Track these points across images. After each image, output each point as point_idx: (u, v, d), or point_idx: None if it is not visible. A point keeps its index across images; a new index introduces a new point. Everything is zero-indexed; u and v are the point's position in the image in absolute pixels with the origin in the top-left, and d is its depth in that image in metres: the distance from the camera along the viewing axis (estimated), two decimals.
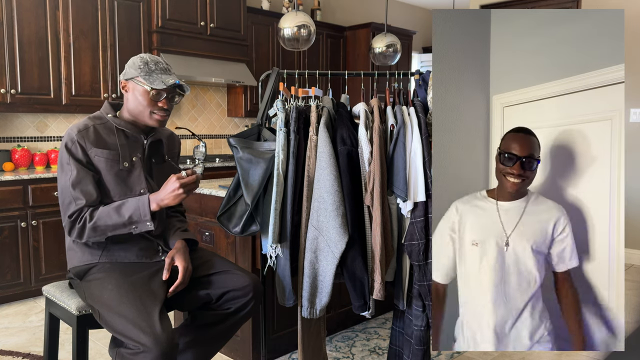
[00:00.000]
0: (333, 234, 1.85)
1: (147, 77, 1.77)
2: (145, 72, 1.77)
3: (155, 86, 1.75)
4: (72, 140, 1.74)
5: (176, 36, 4.29)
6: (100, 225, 1.71)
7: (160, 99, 1.78)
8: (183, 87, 1.82)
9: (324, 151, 1.90)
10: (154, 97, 1.77)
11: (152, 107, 1.78)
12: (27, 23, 3.52)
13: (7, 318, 3.13)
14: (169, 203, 1.73)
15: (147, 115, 1.80)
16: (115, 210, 1.71)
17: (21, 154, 3.67)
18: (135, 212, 1.71)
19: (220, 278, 1.84)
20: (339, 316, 2.86)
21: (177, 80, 1.78)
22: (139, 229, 1.74)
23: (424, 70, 2.10)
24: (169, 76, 1.79)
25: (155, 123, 1.81)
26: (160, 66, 1.80)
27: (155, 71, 1.78)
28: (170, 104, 1.82)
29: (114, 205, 1.73)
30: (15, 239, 3.33)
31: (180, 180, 1.71)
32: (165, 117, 1.82)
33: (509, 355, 2.57)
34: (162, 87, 1.75)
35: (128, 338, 1.56)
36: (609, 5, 4.28)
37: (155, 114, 1.79)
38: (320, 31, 5.46)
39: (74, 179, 1.72)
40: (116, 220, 1.71)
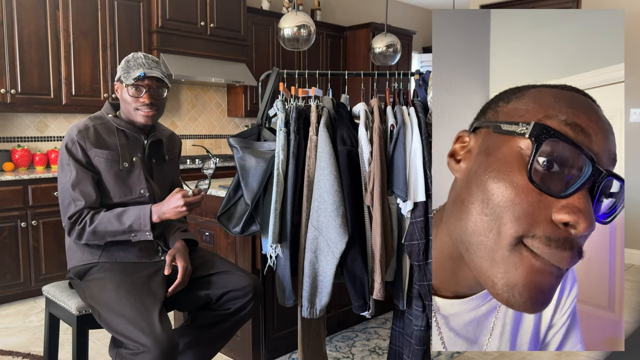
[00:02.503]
0: (333, 234, 1.85)
1: (125, 74, 1.76)
2: (125, 70, 1.77)
3: (127, 82, 1.74)
4: (72, 141, 1.74)
5: (176, 36, 4.29)
6: (100, 230, 1.71)
7: (140, 95, 1.76)
8: (158, 79, 1.77)
9: (324, 151, 1.90)
10: (132, 93, 1.76)
11: (135, 103, 1.77)
12: (27, 23, 3.52)
13: (7, 318, 3.13)
14: (170, 217, 1.74)
15: (133, 112, 1.79)
16: (117, 217, 1.72)
17: (21, 154, 3.67)
18: (135, 221, 1.72)
19: (220, 278, 1.84)
20: (339, 316, 2.86)
21: (142, 72, 1.73)
22: (138, 238, 1.74)
23: (424, 70, 2.10)
24: (139, 69, 1.75)
25: (142, 120, 1.79)
26: (139, 62, 1.77)
27: (132, 67, 1.76)
28: (155, 99, 1.79)
29: (116, 212, 1.73)
30: (15, 239, 3.33)
31: (185, 198, 1.71)
32: (151, 113, 1.79)
33: (509, 355, 2.57)
34: (130, 82, 1.73)
35: (128, 338, 1.56)
36: (609, 5, 4.28)
37: (139, 110, 1.78)
38: (320, 31, 5.46)
39: (73, 179, 1.72)
40: (116, 227, 1.71)
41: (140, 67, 1.76)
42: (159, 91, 1.80)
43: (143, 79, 1.75)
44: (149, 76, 1.75)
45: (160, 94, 1.81)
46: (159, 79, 1.78)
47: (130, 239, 1.75)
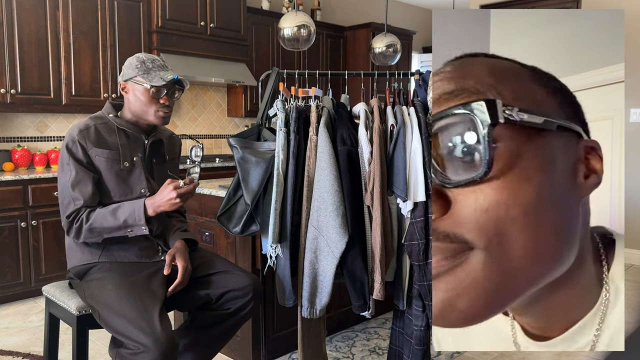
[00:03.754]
0: (333, 234, 1.85)
1: (146, 75, 1.77)
2: (143, 70, 1.77)
3: (154, 83, 1.75)
4: (73, 140, 1.74)
5: (176, 36, 4.29)
6: (96, 227, 1.71)
7: (161, 96, 1.79)
8: (182, 82, 1.82)
9: (324, 151, 1.90)
10: (154, 95, 1.77)
11: (155, 105, 1.79)
12: (27, 23, 3.52)
13: (7, 318, 3.13)
14: (165, 209, 1.73)
15: (152, 113, 1.80)
16: (111, 213, 1.72)
17: (21, 154, 3.67)
18: (130, 216, 1.71)
19: (220, 278, 1.84)
20: (339, 316, 2.86)
21: (176, 75, 1.79)
22: (134, 233, 1.74)
23: (424, 70, 2.10)
24: (167, 72, 1.79)
25: (160, 121, 1.82)
26: (157, 63, 1.80)
27: (152, 69, 1.78)
28: (172, 100, 1.82)
29: (111, 208, 1.73)
30: (15, 239, 3.33)
31: (177, 190, 1.69)
32: (168, 114, 1.83)
33: (509, 355, 2.57)
34: (161, 83, 1.75)
35: (128, 338, 1.56)
36: (609, 5, 4.28)
37: (159, 112, 1.80)
38: (320, 31, 5.46)
39: (73, 179, 1.72)
40: (112, 223, 1.71)
41: (162, 70, 1.79)
42: (177, 94, 1.84)
43: (172, 83, 1.79)
44: (177, 79, 1.79)
45: (175, 95, 1.84)
46: (179, 81, 1.81)
47: (127, 235, 1.74)
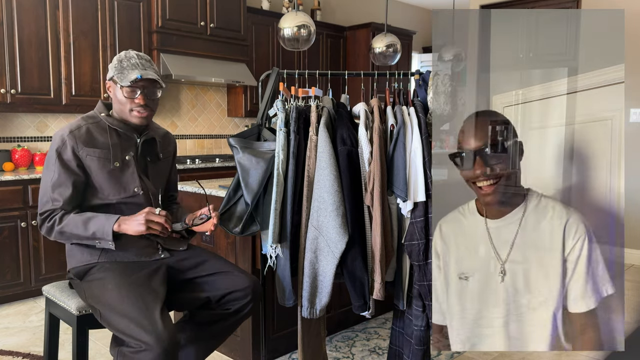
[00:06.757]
0: (333, 234, 1.85)
1: (119, 74, 1.75)
2: (118, 70, 1.76)
3: (122, 83, 1.74)
4: (63, 141, 1.74)
5: (176, 36, 4.29)
6: (66, 231, 1.72)
7: (135, 96, 1.75)
8: (153, 81, 1.76)
9: (324, 151, 1.89)
10: (128, 94, 1.75)
11: (130, 104, 1.77)
12: (27, 23, 3.52)
13: (7, 318, 3.13)
14: (128, 231, 1.69)
15: (127, 113, 1.79)
16: (83, 222, 1.71)
17: (21, 154, 3.67)
18: (99, 229, 1.70)
19: (220, 279, 1.84)
20: (339, 316, 2.86)
21: (139, 74, 1.72)
22: (102, 245, 1.73)
23: (424, 70, 2.10)
24: (134, 71, 1.74)
25: (137, 120, 1.80)
26: (132, 62, 1.76)
27: (126, 68, 1.75)
28: (150, 99, 1.79)
29: (84, 216, 1.72)
30: (15, 239, 3.33)
31: (149, 216, 1.67)
32: (145, 114, 1.79)
33: (509, 355, 2.57)
34: (127, 83, 1.73)
35: (130, 337, 1.56)
36: (609, 5, 4.27)
37: (133, 111, 1.78)
38: (320, 31, 5.46)
39: (55, 180, 1.72)
40: (81, 232, 1.71)
41: (135, 68, 1.75)
42: (154, 92, 1.80)
43: (139, 81, 1.74)
44: (144, 78, 1.74)
45: (155, 95, 1.80)
46: (153, 80, 1.77)
47: (95, 245, 1.74)
